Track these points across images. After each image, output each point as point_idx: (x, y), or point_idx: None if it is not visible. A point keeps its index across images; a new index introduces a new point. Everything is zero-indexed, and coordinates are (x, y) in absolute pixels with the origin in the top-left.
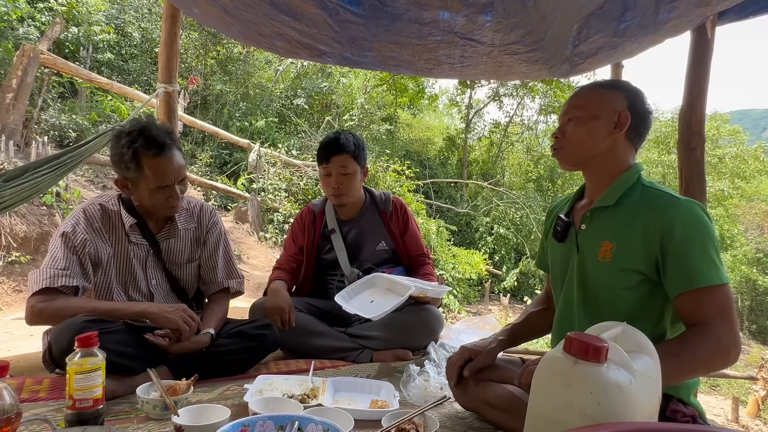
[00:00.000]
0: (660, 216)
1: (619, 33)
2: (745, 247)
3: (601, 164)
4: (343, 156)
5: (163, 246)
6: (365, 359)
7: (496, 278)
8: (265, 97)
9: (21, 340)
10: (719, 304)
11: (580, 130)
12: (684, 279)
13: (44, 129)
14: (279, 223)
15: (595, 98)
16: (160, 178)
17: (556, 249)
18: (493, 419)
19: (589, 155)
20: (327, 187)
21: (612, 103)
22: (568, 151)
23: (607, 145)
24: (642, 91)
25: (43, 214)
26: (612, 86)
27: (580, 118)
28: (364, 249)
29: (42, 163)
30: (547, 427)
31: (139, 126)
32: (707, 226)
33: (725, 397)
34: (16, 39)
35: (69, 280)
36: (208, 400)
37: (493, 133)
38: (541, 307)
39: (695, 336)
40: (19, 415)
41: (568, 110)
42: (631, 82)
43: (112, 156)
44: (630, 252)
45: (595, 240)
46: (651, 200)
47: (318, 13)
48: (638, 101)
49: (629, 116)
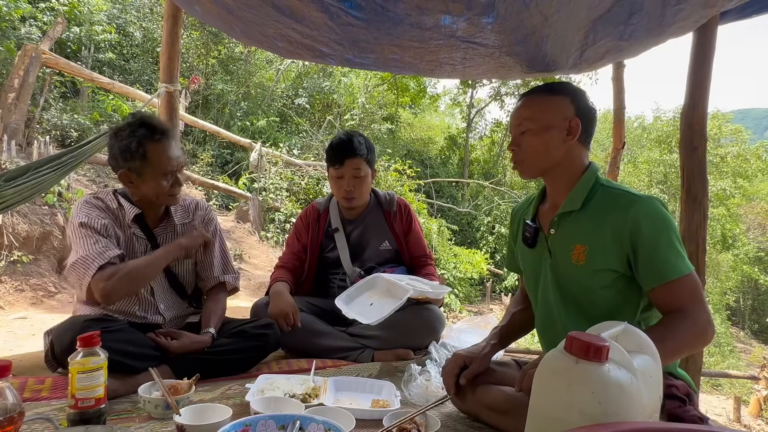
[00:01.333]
0: (626, 215)
1: (626, 36)
2: (746, 246)
3: (559, 171)
4: (357, 159)
5: (161, 241)
6: (366, 359)
7: (497, 278)
8: (267, 97)
9: (23, 340)
10: (690, 291)
11: (534, 141)
12: (657, 273)
13: (46, 129)
14: (280, 223)
15: (543, 107)
16: (165, 163)
17: (526, 254)
18: (493, 423)
19: (547, 165)
20: (338, 189)
21: (561, 111)
22: (527, 164)
23: (562, 153)
24: (584, 90)
25: (45, 214)
26: (557, 91)
27: (533, 130)
28: (367, 248)
29: (43, 163)
30: (548, 427)
31: (138, 117)
32: (669, 221)
33: (727, 396)
34: (18, 39)
35: (114, 251)
36: (209, 400)
37: (494, 132)
38: (522, 306)
39: (674, 321)
40: (21, 414)
41: (520, 122)
42: (571, 83)
43: (114, 151)
44: (603, 253)
45: (567, 244)
46: (614, 200)
47: (319, 16)
48: (583, 103)
49: (579, 122)
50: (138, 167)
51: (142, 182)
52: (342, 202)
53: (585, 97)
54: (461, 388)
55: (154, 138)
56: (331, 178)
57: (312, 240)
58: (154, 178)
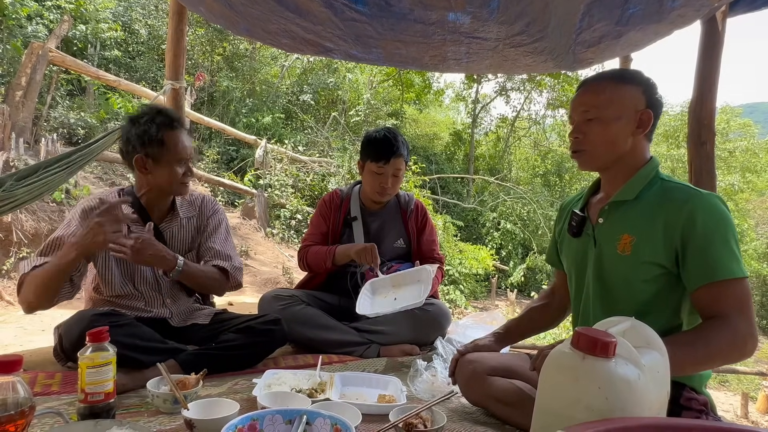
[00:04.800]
0: (681, 209)
1: (623, 21)
2: (755, 241)
3: (621, 164)
4: (400, 159)
5: (167, 235)
6: (372, 354)
7: (503, 273)
8: (272, 94)
9: (33, 335)
10: (738, 297)
11: (601, 131)
12: (705, 271)
13: (53, 126)
14: (286, 219)
15: (615, 96)
16: (181, 150)
17: (570, 244)
18: (500, 414)
19: (611, 158)
20: (375, 185)
21: (632, 102)
22: (590, 155)
23: (628, 146)
24: (655, 82)
25: (53, 211)
26: (629, 80)
27: (601, 119)
28: (382, 244)
29: (53, 162)
30: (554, 422)
31: (155, 107)
32: (728, 219)
33: (735, 393)
34: (24, 37)
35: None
36: (217, 395)
37: (500, 128)
38: (543, 302)
39: (712, 327)
40: (32, 408)
41: (588, 108)
42: (643, 72)
43: (130, 136)
44: (651, 245)
45: (614, 233)
46: (671, 193)
47: (323, 11)
48: (655, 95)
49: (651, 115)
50: (155, 153)
51: (157, 168)
52: (375, 197)
53: (656, 88)
54: (472, 375)
55: (172, 125)
56: (369, 172)
57: (333, 226)
58: (169, 164)
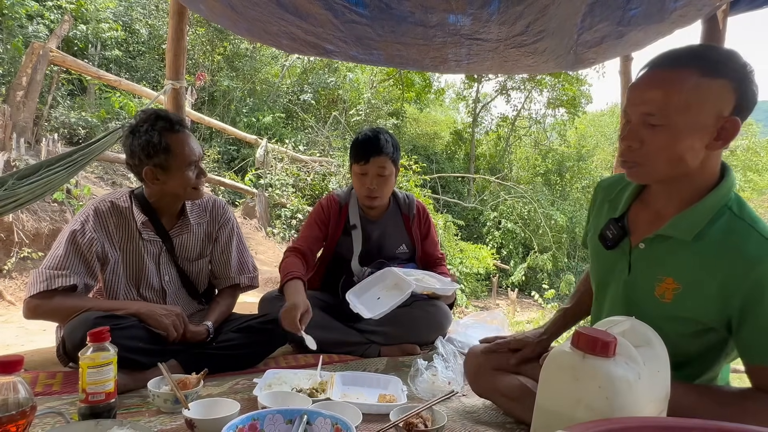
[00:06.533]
0: (749, 271)
1: (625, 21)
2: None
3: (685, 182)
4: (382, 157)
5: (176, 242)
6: (373, 354)
7: (503, 273)
8: (272, 93)
9: (35, 335)
10: None
11: (670, 145)
12: (764, 354)
13: (54, 126)
14: (286, 219)
15: (696, 98)
16: (189, 153)
17: (600, 254)
18: (504, 408)
19: (674, 174)
20: (361, 187)
21: (718, 105)
22: (648, 170)
23: (699, 161)
24: (753, 69)
25: (54, 211)
26: (721, 72)
27: (671, 128)
28: (383, 251)
29: (54, 161)
30: (554, 422)
31: (152, 112)
32: None
33: None
34: (25, 37)
35: (66, 280)
36: (218, 394)
37: (500, 127)
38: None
39: (756, 400)
40: (33, 408)
41: (655, 112)
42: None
43: (134, 149)
44: (699, 301)
45: (655, 271)
46: (740, 241)
47: (323, 13)
48: (748, 91)
49: (738, 123)
50: (163, 161)
51: (169, 177)
52: (364, 201)
53: (752, 80)
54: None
55: (174, 129)
56: (355, 174)
57: (332, 234)
58: (180, 169)
